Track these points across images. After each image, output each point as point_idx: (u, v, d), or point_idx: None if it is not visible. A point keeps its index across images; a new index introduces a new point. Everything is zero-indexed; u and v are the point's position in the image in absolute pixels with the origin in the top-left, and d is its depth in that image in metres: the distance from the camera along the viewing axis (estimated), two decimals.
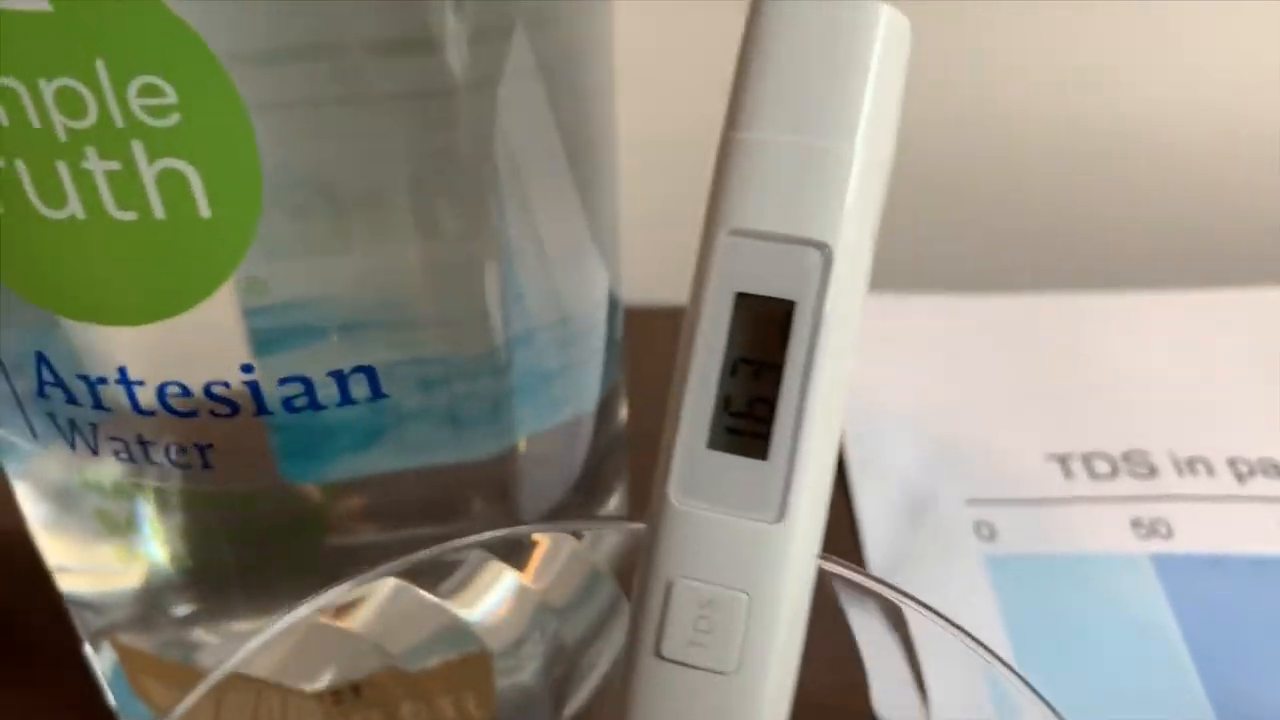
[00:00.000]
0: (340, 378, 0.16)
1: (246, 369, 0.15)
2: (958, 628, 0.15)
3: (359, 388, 0.16)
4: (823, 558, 0.14)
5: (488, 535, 0.16)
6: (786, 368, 0.13)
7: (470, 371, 0.17)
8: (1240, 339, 0.33)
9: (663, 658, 0.13)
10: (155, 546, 0.18)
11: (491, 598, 0.17)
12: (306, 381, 0.15)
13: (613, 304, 0.21)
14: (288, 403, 0.15)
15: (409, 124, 0.14)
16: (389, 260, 0.15)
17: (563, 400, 0.19)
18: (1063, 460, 0.29)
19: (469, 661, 0.18)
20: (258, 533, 0.18)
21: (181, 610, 0.19)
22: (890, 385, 0.31)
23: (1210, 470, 0.29)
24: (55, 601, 0.22)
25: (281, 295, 0.14)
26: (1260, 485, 0.29)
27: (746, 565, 0.13)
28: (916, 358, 0.32)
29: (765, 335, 0.13)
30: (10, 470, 0.18)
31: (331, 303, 0.15)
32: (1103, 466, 0.29)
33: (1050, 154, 0.39)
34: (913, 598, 0.15)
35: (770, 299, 0.13)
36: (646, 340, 0.24)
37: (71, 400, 0.15)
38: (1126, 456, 0.29)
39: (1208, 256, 0.39)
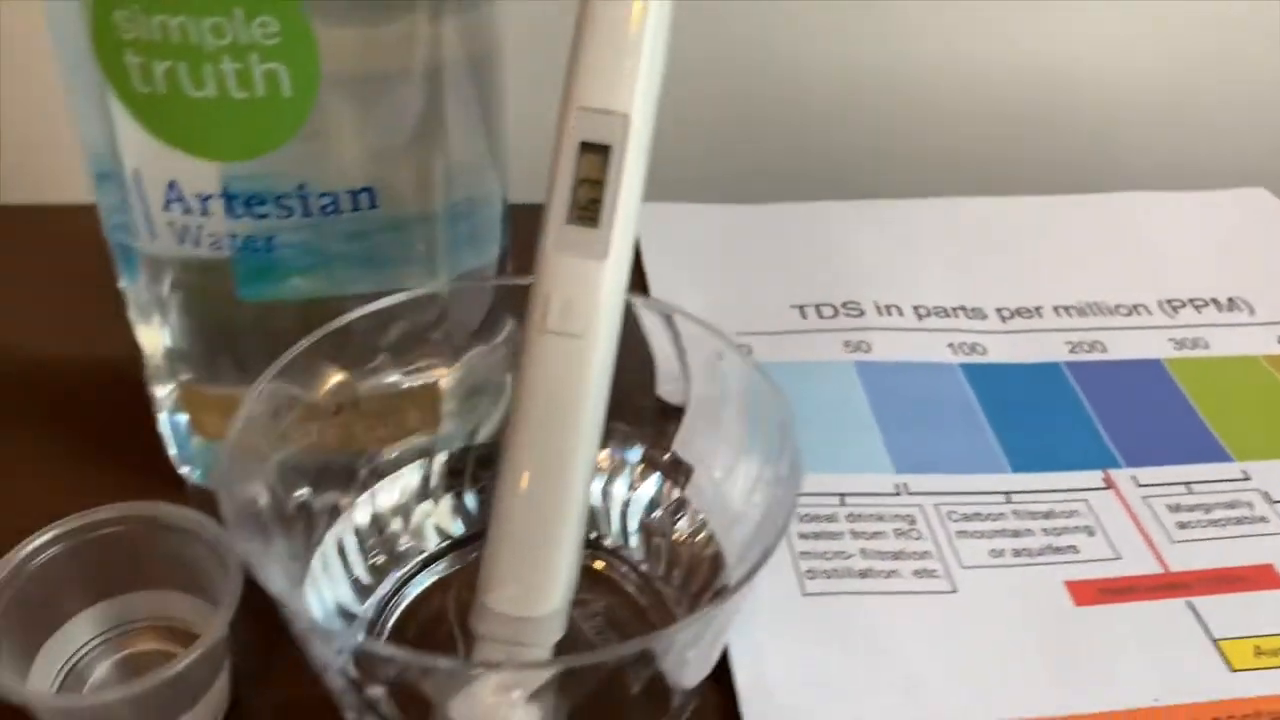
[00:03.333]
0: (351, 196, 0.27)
1: (301, 187, 0.26)
2: (706, 325, 0.27)
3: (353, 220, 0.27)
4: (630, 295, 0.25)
5: (420, 291, 0.27)
6: (607, 181, 0.24)
7: (421, 223, 0.28)
8: (933, 235, 0.47)
9: (546, 331, 0.25)
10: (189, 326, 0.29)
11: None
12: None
13: (504, 197, 0.32)
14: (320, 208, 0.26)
15: (399, 60, 0.26)
16: (386, 141, 0.26)
17: (474, 252, 0.31)
18: (800, 308, 0.42)
19: (424, 390, 0.30)
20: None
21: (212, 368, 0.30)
22: (688, 264, 0.44)
23: (900, 312, 0.43)
24: (135, 394, 0.32)
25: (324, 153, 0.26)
26: (933, 321, 0.42)
27: (588, 281, 0.25)
28: (707, 247, 0.45)
29: (595, 164, 0.25)
30: (125, 272, 0.28)
31: (350, 165, 0.26)
32: (827, 311, 0.42)
33: (815, 98, 0.52)
34: (681, 311, 0.28)
35: (598, 144, 0.24)
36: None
37: (186, 210, 0.26)
38: (844, 305, 0.43)
39: (911, 174, 0.53)
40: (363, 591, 0.28)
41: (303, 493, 0.27)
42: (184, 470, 0.34)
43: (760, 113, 0.53)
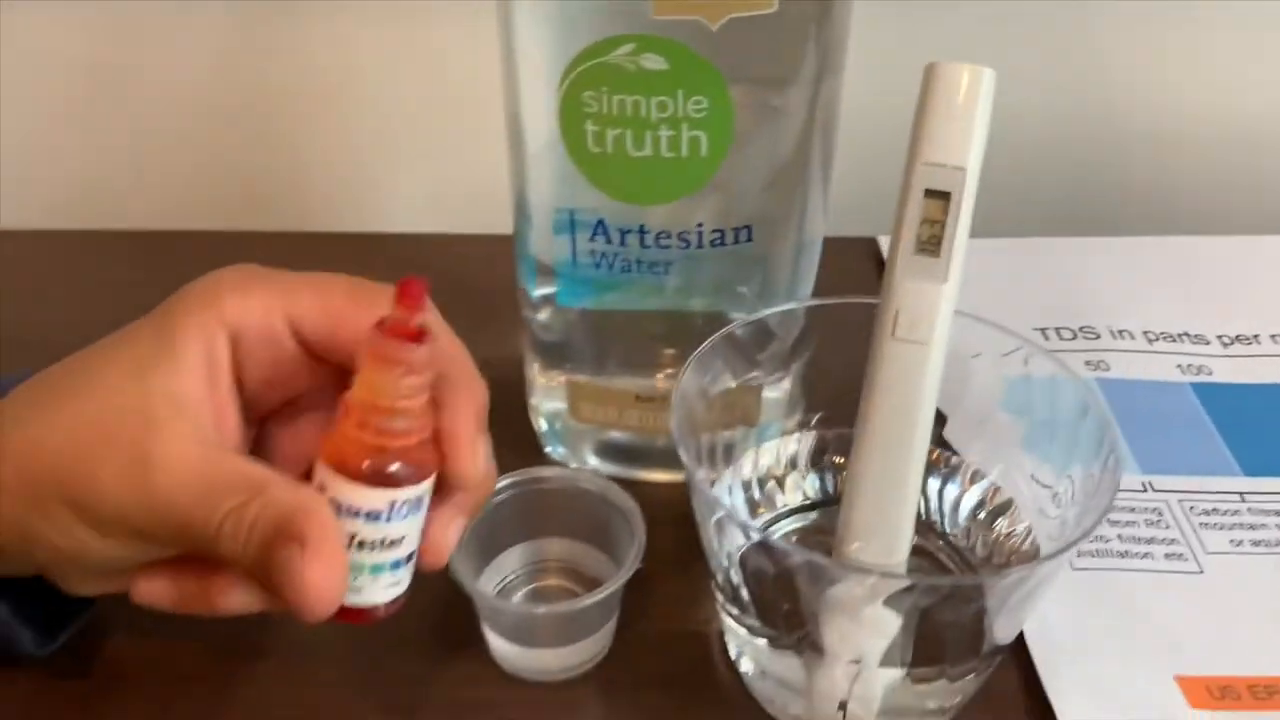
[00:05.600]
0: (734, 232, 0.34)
1: (699, 225, 0.33)
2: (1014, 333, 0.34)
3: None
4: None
5: (775, 309, 0.34)
6: (947, 220, 0.31)
7: (783, 259, 0.36)
8: (1155, 269, 0.53)
9: (895, 339, 0.31)
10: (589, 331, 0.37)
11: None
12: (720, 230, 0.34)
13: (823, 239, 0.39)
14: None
15: (785, 122, 0.33)
16: (765, 187, 0.34)
17: (801, 285, 0.38)
18: (1043, 331, 0.49)
19: (748, 387, 0.37)
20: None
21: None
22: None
23: (1132, 336, 0.48)
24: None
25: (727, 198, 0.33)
26: (1162, 345, 0.48)
27: (931, 300, 0.31)
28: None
29: (937, 208, 0.31)
30: (561, 287, 0.37)
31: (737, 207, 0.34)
32: (1066, 334, 0.48)
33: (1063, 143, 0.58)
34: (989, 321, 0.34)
35: (940, 191, 0.31)
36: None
37: (609, 241, 0.34)
38: (1081, 329, 0.49)
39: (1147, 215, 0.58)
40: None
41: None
42: (548, 449, 0.42)
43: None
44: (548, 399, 0.40)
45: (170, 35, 0.56)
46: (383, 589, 0.27)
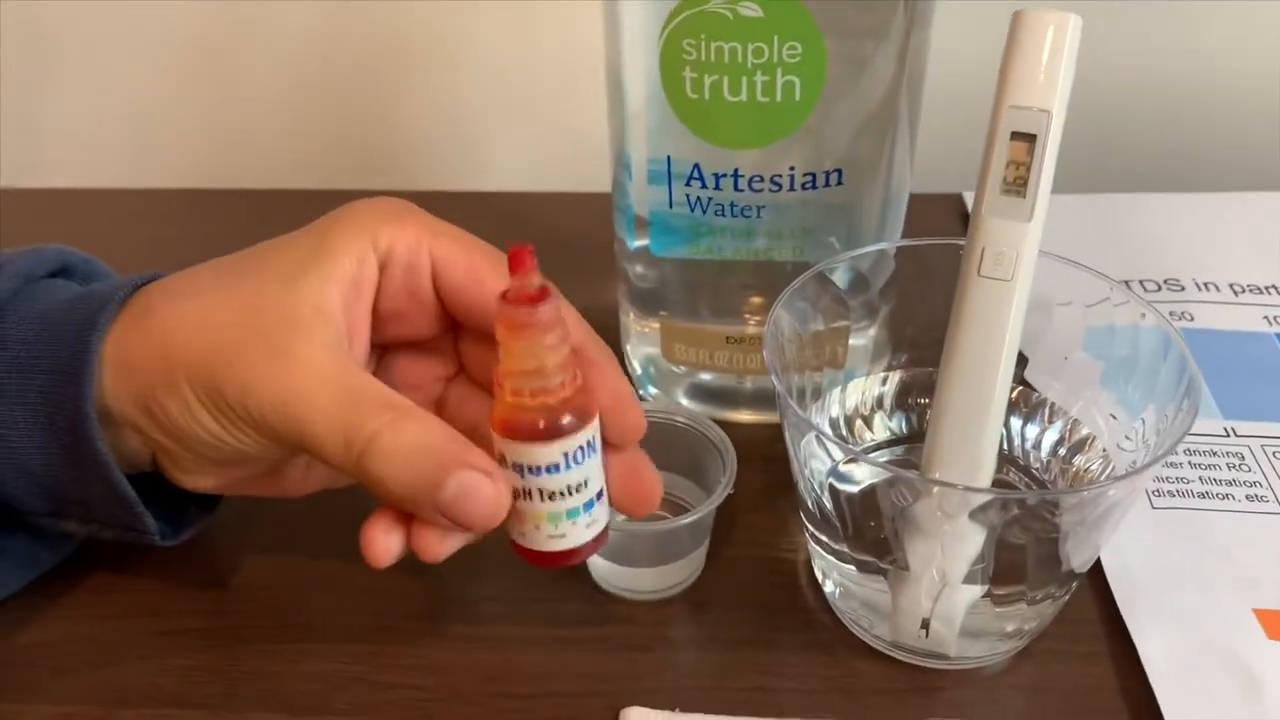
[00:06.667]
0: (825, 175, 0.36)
1: (791, 169, 0.35)
2: (1133, 293, 0.35)
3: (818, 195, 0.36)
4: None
5: (866, 249, 0.36)
6: (1033, 161, 0.32)
7: (870, 209, 0.37)
8: (1238, 225, 0.53)
9: (981, 276, 0.33)
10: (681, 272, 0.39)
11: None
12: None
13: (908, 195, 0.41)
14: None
15: (875, 71, 0.34)
16: (857, 133, 0.35)
17: (886, 236, 0.39)
18: (1127, 283, 0.49)
19: (836, 330, 0.38)
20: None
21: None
22: None
23: (1218, 289, 0.49)
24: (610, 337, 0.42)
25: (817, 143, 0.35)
26: (1248, 297, 0.48)
27: (1016, 238, 0.32)
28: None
29: (1023, 149, 0.33)
30: (651, 233, 0.39)
31: (827, 151, 0.35)
32: (1151, 286, 0.49)
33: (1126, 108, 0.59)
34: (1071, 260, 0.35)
35: (1026, 134, 0.32)
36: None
37: (704, 185, 0.36)
38: (1166, 281, 0.49)
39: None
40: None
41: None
42: (641, 392, 0.44)
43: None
44: (641, 344, 0.42)
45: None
46: (582, 529, 0.29)
